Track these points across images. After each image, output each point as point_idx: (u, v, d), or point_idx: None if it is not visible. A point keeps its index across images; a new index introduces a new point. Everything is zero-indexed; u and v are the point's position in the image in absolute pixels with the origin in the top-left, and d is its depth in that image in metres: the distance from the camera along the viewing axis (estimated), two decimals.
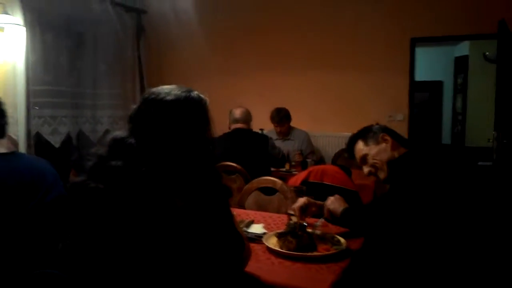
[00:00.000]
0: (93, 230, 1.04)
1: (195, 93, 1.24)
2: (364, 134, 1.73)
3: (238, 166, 2.82)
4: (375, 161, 1.68)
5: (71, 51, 4.00)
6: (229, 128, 3.21)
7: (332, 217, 1.70)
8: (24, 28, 3.50)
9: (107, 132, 4.46)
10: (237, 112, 3.22)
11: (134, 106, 1.24)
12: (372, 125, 1.77)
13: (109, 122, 4.50)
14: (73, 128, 4.13)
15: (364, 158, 1.72)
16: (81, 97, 4.19)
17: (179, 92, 1.20)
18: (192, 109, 1.20)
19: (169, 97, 1.18)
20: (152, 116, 1.16)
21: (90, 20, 4.16)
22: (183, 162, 1.12)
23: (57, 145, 3.88)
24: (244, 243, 1.28)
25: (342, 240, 1.58)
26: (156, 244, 1.05)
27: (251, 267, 1.35)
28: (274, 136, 3.82)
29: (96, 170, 1.11)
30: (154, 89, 1.23)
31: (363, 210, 1.67)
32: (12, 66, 3.52)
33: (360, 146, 1.72)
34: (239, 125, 3.17)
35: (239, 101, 3.61)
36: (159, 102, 1.17)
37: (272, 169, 3.29)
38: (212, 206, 1.12)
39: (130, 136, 1.13)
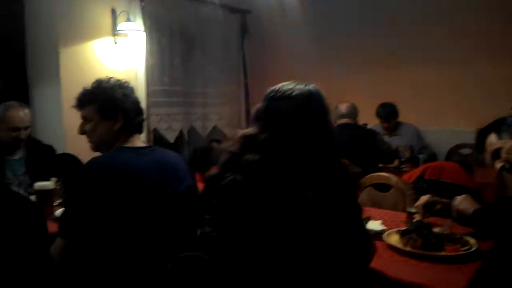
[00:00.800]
0: (232, 218, 1.12)
1: (312, 85, 1.28)
2: (498, 126, 1.60)
3: (347, 162, 2.78)
4: (509, 155, 1.55)
5: (184, 53, 4.29)
6: (335, 123, 3.18)
7: (459, 218, 1.60)
8: (144, 34, 3.84)
9: (214, 128, 4.73)
10: (343, 107, 3.18)
11: (259, 105, 1.32)
12: (505, 117, 1.63)
13: (216, 119, 4.74)
14: (185, 125, 4.43)
15: (497, 153, 1.59)
16: (193, 96, 4.47)
17: (301, 87, 1.25)
18: (316, 102, 1.24)
19: (294, 93, 1.23)
20: (282, 112, 1.22)
21: (200, 23, 4.42)
22: (313, 154, 1.16)
23: (171, 141, 4.19)
24: (371, 238, 1.27)
25: (472, 240, 1.48)
26: (288, 233, 1.09)
27: (375, 263, 1.34)
28: (380, 131, 3.70)
29: (231, 163, 1.20)
30: (276, 87, 1.29)
31: (496, 210, 1.55)
32: (134, 70, 3.89)
33: (493, 140, 1.59)
34: (345, 120, 3.13)
35: (344, 96, 3.55)
36: (287, 99, 1.23)
37: (380, 165, 3.19)
38: (341, 199, 1.14)
39: (262, 132, 1.20)
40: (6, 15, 3.47)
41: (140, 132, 1.66)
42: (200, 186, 1.40)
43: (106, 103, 1.62)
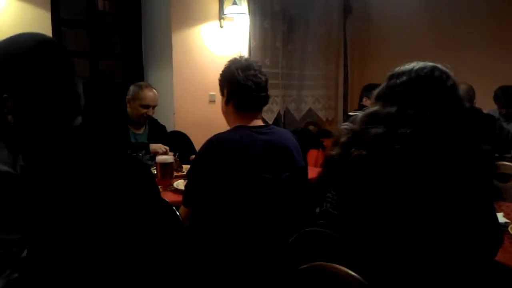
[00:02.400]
0: (359, 195, 1.12)
1: (430, 64, 1.23)
2: None
3: None
4: None
5: (284, 34, 4.32)
6: None
7: None
8: (248, 17, 3.93)
9: (309, 110, 4.72)
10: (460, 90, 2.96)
11: (382, 85, 1.31)
12: None
13: (312, 101, 4.72)
14: (282, 107, 4.49)
15: None
16: (289, 78, 4.50)
17: (422, 63, 1.23)
18: (439, 77, 1.21)
19: (415, 67, 1.22)
20: (405, 87, 1.20)
21: (302, 4, 4.40)
22: (445, 134, 1.11)
23: (270, 122, 4.28)
24: (500, 228, 1.19)
25: None
26: (417, 213, 1.07)
27: (499, 256, 1.25)
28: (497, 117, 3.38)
29: (353, 142, 1.20)
30: (398, 68, 1.27)
31: None
32: (238, 53, 4.01)
33: None
34: None
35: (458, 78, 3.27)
36: (407, 73, 1.22)
37: (496, 155, 2.93)
38: (476, 184, 1.08)
39: (384, 109, 1.19)
40: (124, 4, 3.80)
41: (259, 110, 1.71)
42: None
43: (222, 81, 1.71)
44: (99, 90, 3.73)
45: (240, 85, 1.64)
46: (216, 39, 3.89)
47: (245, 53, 4.00)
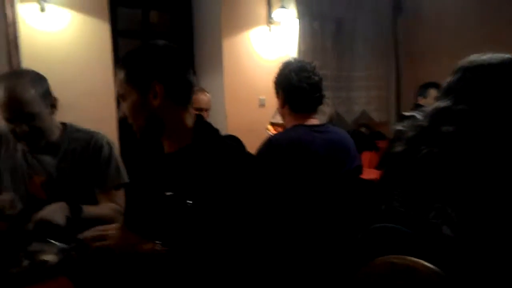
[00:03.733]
0: (428, 191, 1.08)
1: (507, 56, 1.16)
2: None
3: None
4: None
5: (333, 36, 4.28)
6: None
7: None
8: (297, 20, 3.93)
9: (363, 112, 4.62)
10: None
11: (450, 77, 1.25)
12: None
13: (364, 103, 4.63)
14: (331, 109, 4.43)
15: None
16: (338, 80, 4.44)
17: (499, 56, 1.16)
18: None
19: (492, 62, 1.15)
20: (480, 81, 1.13)
21: (351, 5, 4.35)
22: None
23: None
24: None
25: None
26: (492, 211, 1.01)
27: None
28: None
29: (421, 138, 1.16)
30: (470, 58, 1.23)
31: None
32: (286, 56, 4.02)
33: None
34: None
35: None
36: (487, 67, 1.14)
37: None
38: None
39: (456, 104, 1.13)
40: (176, 12, 3.92)
41: (314, 111, 1.71)
42: None
43: (277, 84, 1.72)
44: None
45: (294, 87, 1.64)
46: (265, 44, 3.92)
47: (293, 56, 4.00)
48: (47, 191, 1.57)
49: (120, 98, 1.19)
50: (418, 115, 1.73)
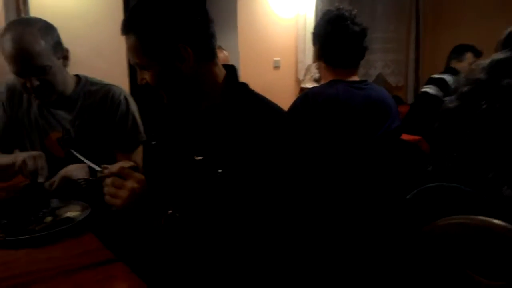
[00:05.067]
0: (493, 148, 0.99)
1: None
2: None
3: None
4: None
5: None
6: None
7: None
8: None
9: (379, 76, 4.47)
10: None
11: (510, 29, 1.14)
12: None
13: (381, 66, 4.48)
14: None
15: None
16: None
17: None
18: None
19: None
20: None
21: None
22: None
23: None
24: None
25: None
26: None
27: None
28: None
29: (478, 93, 1.06)
30: None
31: None
32: (303, 16, 3.84)
33: None
34: None
35: None
36: None
37: None
38: None
39: None
40: None
41: (353, 67, 1.58)
42: None
43: (314, 36, 1.60)
44: None
45: (330, 39, 1.51)
46: (281, 2, 3.72)
47: (311, 16, 3.82)
48: (64, 148, 1.48)
49: (136, 66, 1.00)
50: (448, 77, 1.57)
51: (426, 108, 2.81)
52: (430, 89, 2.85)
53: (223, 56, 2.68)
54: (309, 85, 1.95)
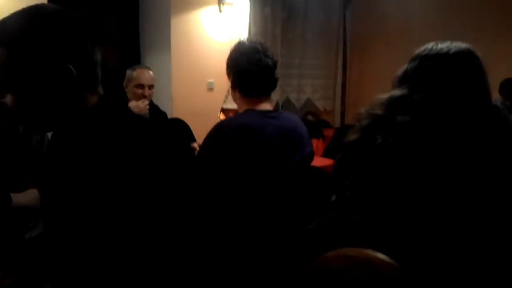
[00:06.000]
0: (383, 182, 1.07)
1: (467, 44, 1.18)
2: None
3: None
4: None
5: (284, 22, 4.24)
6: None
7: None
8: (249, 3, 3.84)
9: (308, 100, 4.66)
10: None
11: (406, 66, 1.24)
12: None
13: (310, 91, 4.67)
14: (282, 96, 4.42)
15: None
16: (290, 67, 4.43)
17: (458, 45, 1.17)
18: (475, 61, 1.16)
19: (451, 51, 1.16)
20: (439, 69, 1.14)
21: None
22: (472, 116, 1.07)
23: None
24: None
25: None
26: (447, 200, 1.02)
27: None
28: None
29: (375, 127, 1.14)
30: (429, 46, 1.22)
31: None
32: (237, 39, 3.93)
33: None
34: None
35: None
36: (445, 56, 1.14)
37: None
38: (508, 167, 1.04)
39: (413, 93, 1.13)
40: None
41: (265, 95, 1.65)
42: None
43: (228, 67, 1.65)
44: None
45: (244, 70, 1.58)
46: (215, 24, 3.79)
47: (244, 38, 3.91)
48: None
49: None
50: None
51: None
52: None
53: (147, 74, 2.67)
54: (230, 106, 2.01)
